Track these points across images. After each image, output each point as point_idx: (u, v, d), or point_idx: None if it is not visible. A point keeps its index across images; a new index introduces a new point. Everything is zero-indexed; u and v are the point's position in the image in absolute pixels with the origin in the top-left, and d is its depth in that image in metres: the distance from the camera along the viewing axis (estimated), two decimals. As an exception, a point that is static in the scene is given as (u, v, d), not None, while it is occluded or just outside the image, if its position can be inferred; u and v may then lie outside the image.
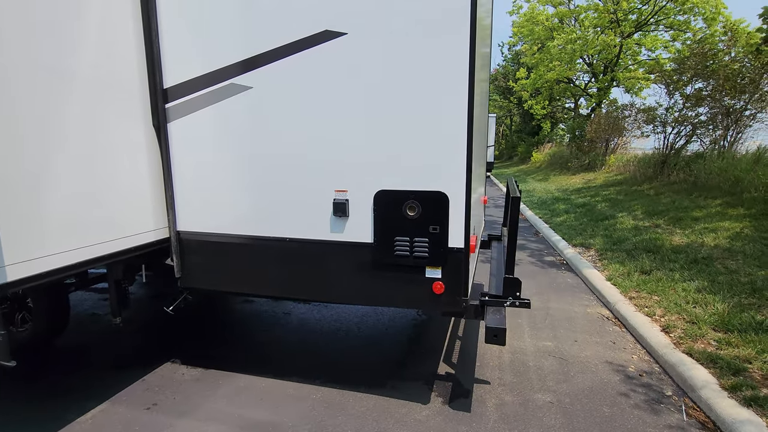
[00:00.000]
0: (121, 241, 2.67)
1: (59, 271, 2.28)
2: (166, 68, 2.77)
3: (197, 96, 2.74)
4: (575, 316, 4.41)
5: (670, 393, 3.05)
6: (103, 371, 3.37)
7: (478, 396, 3.03)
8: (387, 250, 2.54)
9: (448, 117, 2.31)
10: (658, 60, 16.93)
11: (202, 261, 2.99)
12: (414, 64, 2.34)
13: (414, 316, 4.42)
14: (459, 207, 2.40)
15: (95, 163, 2.49)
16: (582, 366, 3.43)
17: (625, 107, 14.95)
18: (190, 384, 3.18)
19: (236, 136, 2.74)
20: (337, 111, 2.52)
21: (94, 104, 2.46)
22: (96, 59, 2.46)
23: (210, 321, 4.38)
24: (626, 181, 11.64)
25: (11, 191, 2.04)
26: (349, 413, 2.82)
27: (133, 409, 2.87)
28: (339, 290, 2.74)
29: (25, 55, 2.10)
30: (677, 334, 3.62)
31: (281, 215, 2.74)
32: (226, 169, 2.80)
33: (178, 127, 2.84)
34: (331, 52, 2.44)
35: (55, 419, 2.75)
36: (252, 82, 2.62)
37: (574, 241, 7.11)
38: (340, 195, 2.57)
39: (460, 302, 2.51)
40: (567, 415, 2.81)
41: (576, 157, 17.09)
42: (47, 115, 2.21)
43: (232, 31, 2.62)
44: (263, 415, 2.80)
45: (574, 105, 24.34)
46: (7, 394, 3.07)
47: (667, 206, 7.87)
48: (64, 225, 2.31)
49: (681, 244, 5.87)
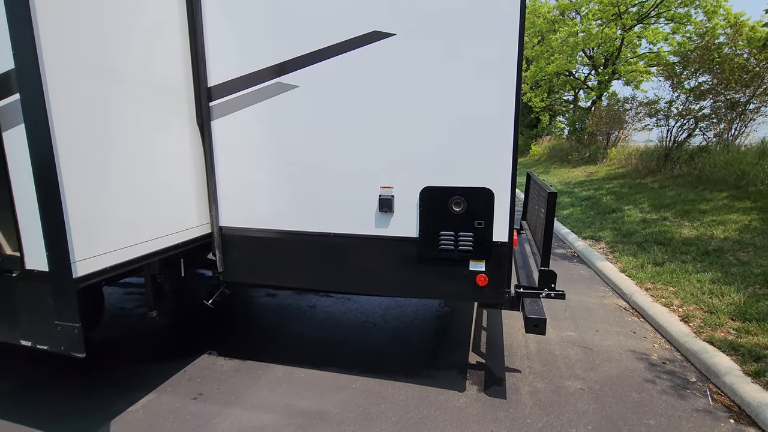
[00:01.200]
0: (172, 237, 2.74)
1: (119, 266, 2.36)
2: (211, 67, 2.82)
3: (242, 94, 2.80)
4: (593, 307, 4.55)
5: (694, 379, 3.19)
6: (144, 363, 3.45)
7: (511, 384, 3.15)
8: (432, 244, 2.63)
9: (496, 114, 2.40)
10: (659, 53, 17.03)
11: (244, 256, 3.07)
12: (463, 63, 2.42)
13: (437, 308, 4.54)
14: (504, 202, 2.49)
15: (146, 162, 2.55)
16: (606, 354, 3.56)
17: (627, 100, 15.07)
18: (230, 374, 3.27)
19: (281, 133, 2.80)
20: (384, 109, 2.59)
21: (144, 105, 2.52)
22: (145, 61, 2.51)
23: (237, 314, 4.47)
24: (629, 174, 11.78)
25: (80, 194, 2.10)
26: (390, 401, 2.93)
27: (181, 399, 2.96)
28: (383, 283, 2.83)
29: (89, 61, 2.15)
30: (696, 323, 3.76)
31: (326, 211, 2.82)
32: (270, 165, 2.87)
33: (221, 124, 2.90)
34: (379, 52, 2.51)
35: (107, 409, 2.84)
36: (298, 81, 2.68)
37: (583, 234, 7.25)
38: (385, 191, 2.65)
39: (503, 294, 2.62)
40: (599, 401, 2.94)
41: (576, 150, 17.21)
42: (105, 118, 2.27)
43: (280, 30, 2.67)
44: (308, 403, 2.90)
45: (574, 97, 24.44)
46: (56, 386, 3.14)
47: (674, 199, 8.02)
48: (121, 224, 2.38)
49: (691, 237, 6.01)
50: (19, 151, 2.01)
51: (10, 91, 1.97)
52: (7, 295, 2.24)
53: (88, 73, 2.15)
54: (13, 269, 2.18)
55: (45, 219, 2.00)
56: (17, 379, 3.20)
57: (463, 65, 2.41)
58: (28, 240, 2.10)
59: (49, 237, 2.01)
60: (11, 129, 2.02)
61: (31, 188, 2.01)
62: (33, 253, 2.11)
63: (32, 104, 1.91)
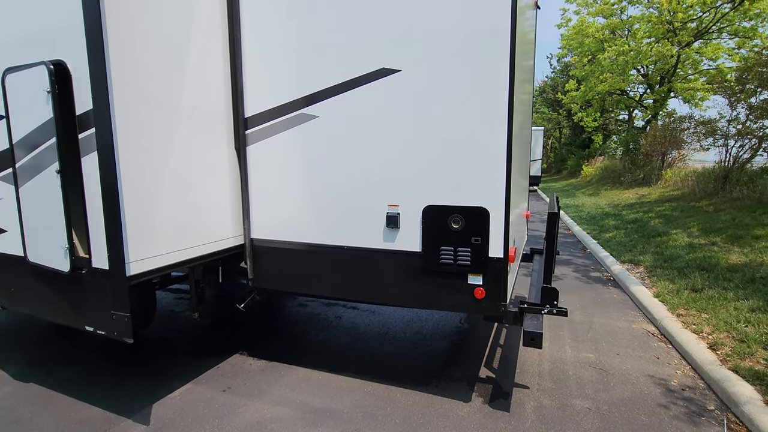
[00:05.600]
0: (209, 246, 3.18)
1: (164, 269, 2.81)
2: (247, 100, 3.29)
3: (273, 123, 3.23)
4: (619, 331, 4.45)
5: (712, 407, 3.09)
6: (184, 358, 3.91)
7: (517, 398, 3.22)
8: (433, 258, 2.86)
9: (488, 141, 2.62)
10: (720, 69, 16.06)
11: (271, 265, 3.45)
12: (457, 92, 2.69)
13: (457, 324, 4.66)
14: (499, 221, 2.67)
15: (191, 182, 3.03)
16: (622, 378, 3.52)
17: (684, 119, 14.32)
18: (257, 373, 3.63)
19: (303, 157, 3.19)
20: (390, 136, 2.90)
21: (192, 133, 3.00)
22: (195, 96, 3.01)
23: (269, 321, 4.87)
24: (683, 196, 11.14)
25: (136, 203, 2.58)
26: (396, 405, 3.12)
27: (212, 390, 3.35)
28: (390, 293, 3.08)
29: (148, 96, 2.66)
30: (725, 351, 3.60)
31: (340, 226, 3.14)
32: (294, 185, 3.26)
33: (255, 149, 3.35)
34: (387, 86, 2.84)
35: (150, 394, 3.28)
36: (318, 112, 3.07)
37: (622, 258, 7.01)
38: (392, 209, 2.93)
39: (500, 307, 2.76)
40: (604, 420, 2.94)
41: (629, 171, 16.47)
42: (159, 146, 2.76)
43: (304, 68, 3.09)
44: (322, 402, 3.17)
45: (628, 117, 23.44)
46: (110, 372, 3.67)
47: (727, 223, 7.54)
48: (168, 231, 2.84)
49: (738, 263, 5.67)
50: (92, 174, 2.53)
51: (89, 126, 2.51)
52: (78, 289, 2.76)
53: (147, 108, 2.66)
54: (83, 267, 2.70)
55: (108, 227, 2.48)
56: (80, 366, 3.76)
57: (457, 94, 2.67)
58: (95, 244, 2.60)
59: (110, 242, 2.49)
60: (87, 156, 2.55)
61: (99, 203, 2.51)
62: (98, 255, 2.61)
63: (103, 137, 2.42)
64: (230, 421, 2.95)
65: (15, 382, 3.47)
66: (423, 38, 2.73)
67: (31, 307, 3.28)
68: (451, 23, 2.65)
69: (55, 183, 2.56)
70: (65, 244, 2.61)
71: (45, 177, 2.62)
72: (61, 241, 2.62)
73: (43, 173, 2.63)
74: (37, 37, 2.69)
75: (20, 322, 4.73)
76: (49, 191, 2.61)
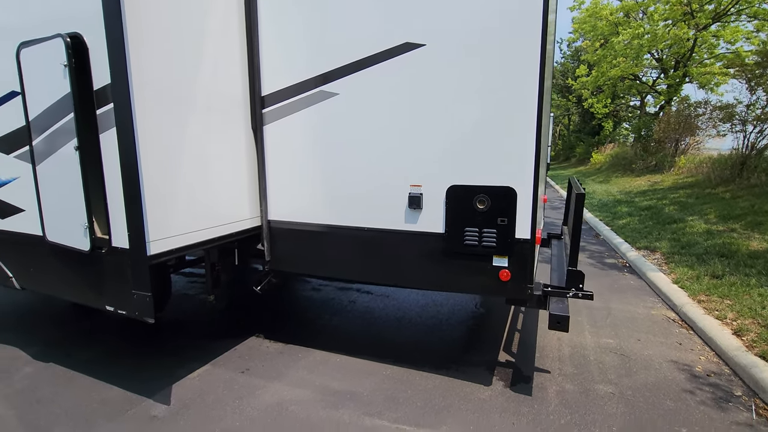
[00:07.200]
0: (227, 227, 3.13)
1: (183, 249, 2.76)
2: (264, 78, 3.20)
3: (291, 102, 3.15)
4: (638, 317, 4.39)
5: (739, 393, 3.03)
6: (202, 340, 3.91)
7: (539, 383, 3.18)
8: (457, 239, 2.79)
9: (518, 117, 2.52)
10: (738, 53, 15.62)
11: (289, 247, 3.41)
12: (486, 68, 2.58)
13: (472, 308, 4.62)
14: (526, 201, 2.59)
15: (208, 161, 2.96)
16: (645, 363, 3.46)
17: (699, 105, 13.99)
18: (274, 355, 3.61)
19: (322, 136, 3.11)
20: (414, 114, 2.81)
21: (208, 112, 2.93)
22: (212, 74, 2.93)
23: (283, 305, 4.85)
24: (698, 183, 10.94)
25: (156, 181, 2.52)
26: (417, 388, 3.10)
27: (231, 372, 3.34)
28: (410, 276, 3.03)
29: (167, 76, 2.59)
30: (750, 337, 3.53)
31: (360, 207, 3.08)
32: (313, 166, 3.18)
33: (272, 129, 3.27)
34: (410, 61, 2.74)
35: (169, 375, 3.28)
36: (338, 89, 2.98)
37: (637, 244, 6.91)
38: (415, 189, 2.86)
39: (525, 289, 2.70)
40: (629, 405, 2.90)
41: (641, 158, 16.20)
42: (177, 125, 2.70)
43: (322, 44, 2.99)
44: (341, 385, 3.15)
45: (641, 103, 22.99)
46: (130, 354, 3.67)
47: (745, 210, 7.39)
48: (187, 211, 2.79)
49: (760, 250, 5.55)
50: (111, 151, 2.47)
51: (106, 101, 2.44)
52: (98, 269, 2.73)
53: (165, 83, 2.58)
54: (103, 246, 2.66)
55: (128, 205, 2.43)
56: (99, 347, 3.77)
57: (487, 70, 2.57)
58: (115, 222, 2.56)
59: (130, 220, 2.44)
60: (105, 132, 2.49)
61: (118, 182, 2.46)
62: (118, 234, 2.57)
63: (122, 112, 2.35)
64: (250, 402, 2.94)
65: (35, 362, 3.48)
66: (450, 11, 2.61)
67: (49, 287, 3.26)
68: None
69: (74, 160, 2.51)
70: (85, 223, 2.57)
71: (63, 154, 2.56)
72: (81, 220, 2.58)
73: (61, 150, 2.58)
74: (52, 9, 2.61)
75: (37, 303, 4.75)
76: (67, 169, 2.56)
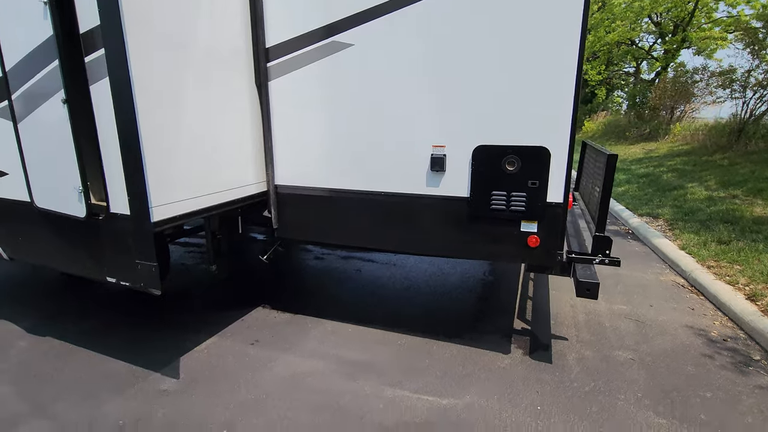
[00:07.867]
0: (231, 192, 2.91)
1: (188, 215, 2.54)
2: (269, 28, 2.89)
3: (299, 54, 2.86)
4: (648, 284, 4.36)
5: (758, 357, 3.02)
6: (206, 312, 3.75)
7: (558, 350, 3.13)
8: (483, 203, 2.62)
9: (556, 69, 2.31)
10: (739, 17, 15.31)
11: (298, 213, 3.20)
12: (522, 13, 2.33)
13: (481, 276, 4.53)
14: (561, 162, 2.42)
15: (210, 121, 2.69)
16: (660, 329, 3.44)
17: (697, 71, 13.79)
18: (283, 326, 3.48)
19: (336, 93, 2.85)
20: (437, 66, 2.56)
21: (209, 66, 2.62)
22: (210, 23, 2.61)
23: (287, 274, 4.69)
24: (694, 151, 10.91)
25: (156, 139, 2.27)
26: (434, 357, 3.01)
27: (240, 343, 3.20)
28: (433, 243, 2.87)
29: (163, 24, 2.28)
30: (766, 301, 3.52)
31: (377, 169, 2.87)
32: (325, 125, 2.94)
33: (278, 85, 2.99)
34: (434, 6, 2.46)
35: (175, 348, 3.13)
36: (353, 40, 2.70)
37: (639, 211, 6.88)
38: (438, 150, 2.65)
39: (555, 256, 2.58)
40: (650, 371, 2.86)
41: (635, 126, 16.09)
42: (177, 79, 2.40)
43: (335, -12, 2.68)
44: (356, 355, 3.05)
45: (635, 69, 22.68)
46: (131, 326, 3.50)
47: (746, 177, 7.38)
48: (190, 177, 2.55)
49: (764, 215, 5.55)
50: (104, 105, 2.19)
51: (95, 47, 2.14)
52: (96, 237, 2.50)
53: (162, 35, 2.28)
54: (100, 213, 2.42)
55: (127, 166, 2.18)
56: (97, 319, 3.58)
57: (522, 16, 2.32)
58: (112, 186, 2.31)
59: (130, 183, 2.20)
60: (96, 83, 2.20)
61: (114, 140, 2.20)
62: (116, 199, 2.33)
63: (115, 59, 2.06)
64: (264, 375, 2.82)
65: (30, 336, 3.29)
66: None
67: (42, 258, 3.03)
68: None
69: (62, 115, 2.22)
70: (79, 186, 2.32)
71: (49, 108, 2.27)
72: (74, 183, 2.32)
73: (46, 104, 2.29)
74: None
75: (28, 275, 4.50)
76: (55, 126, 2.28)
